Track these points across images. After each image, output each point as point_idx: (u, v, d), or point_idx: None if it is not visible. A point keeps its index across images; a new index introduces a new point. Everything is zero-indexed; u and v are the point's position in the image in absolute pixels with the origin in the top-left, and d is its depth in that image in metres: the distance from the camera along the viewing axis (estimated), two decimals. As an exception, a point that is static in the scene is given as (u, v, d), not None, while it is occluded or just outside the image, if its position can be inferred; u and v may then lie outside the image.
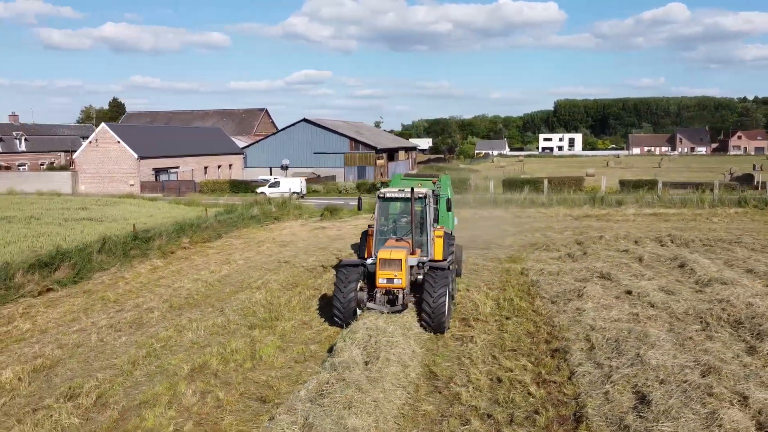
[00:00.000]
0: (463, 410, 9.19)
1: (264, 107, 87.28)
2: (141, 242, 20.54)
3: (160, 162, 55.41)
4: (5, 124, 67.21)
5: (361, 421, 7.85)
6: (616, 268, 17.91)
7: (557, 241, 23.10)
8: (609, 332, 12.20)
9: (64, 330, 12.97)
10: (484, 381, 10.21)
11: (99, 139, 53.14)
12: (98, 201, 36.31)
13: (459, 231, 26.29)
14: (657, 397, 9.17)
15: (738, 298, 13.90)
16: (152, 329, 12.96)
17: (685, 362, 10.47)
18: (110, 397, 9.58)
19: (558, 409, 9.29)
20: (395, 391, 9.30)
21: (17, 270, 15.55)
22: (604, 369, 10.50)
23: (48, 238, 20.40)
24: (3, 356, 11.41)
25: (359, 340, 10.66)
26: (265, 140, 70.02)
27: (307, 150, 66.45)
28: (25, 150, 65.83)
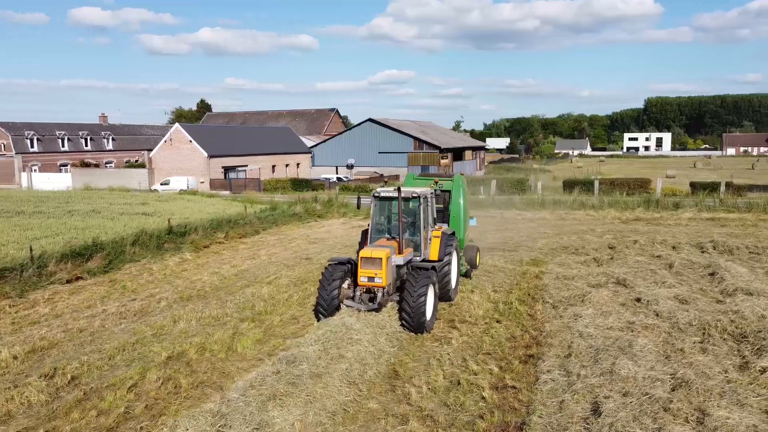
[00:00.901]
0: (407, 410, 9.17)
1: (334, 107, 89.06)
2: (176, 236, 21.69)
3: (229, 160, 57.84)
4: (95, 125, 72.52)
5: (284, 414, 8.05)
6: (638, 274, 17.07)
7: (591, 244, 22.21)
8: (595, 340, 11.74)
9: (75, 315, 13.99)
10: (442, 383, 10.12)
11: (173, 139, 56.23)
12: (160, 197, 38.53)
13: (493, 232, 25.98)
14: (609, 409, 8.79)
15: (753, 311, 12.94)
16: (153, 318, 13.73)
17: (660, 375, 9.93)
18: (84, 378, 10.29)
19: (506, 415, 9.08)
20: (342, 387, 9.41)
21: (51, 259, 16.89)
22: (571, 377, 10.14)
23: (93, 231, 21.93)
24: (12, 337, 12.48)
25: (322, 336, 10.86)
26: (332, 140, 71.46)
27: (373, 149, 67.23)
28: (113, 148, 70.73)
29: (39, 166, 62.46)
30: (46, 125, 66.14)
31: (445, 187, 17.64)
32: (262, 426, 7.62)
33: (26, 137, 62.15)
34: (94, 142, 69.16)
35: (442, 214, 17.49)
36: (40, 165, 62.59)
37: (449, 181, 17.77)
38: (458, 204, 17.34)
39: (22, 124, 63.66)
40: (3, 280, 15.61)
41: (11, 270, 15.96)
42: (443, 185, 17.72)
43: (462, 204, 17.33)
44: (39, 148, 63.32)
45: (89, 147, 68.60)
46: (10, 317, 13.87)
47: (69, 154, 65.85)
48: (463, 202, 17.37)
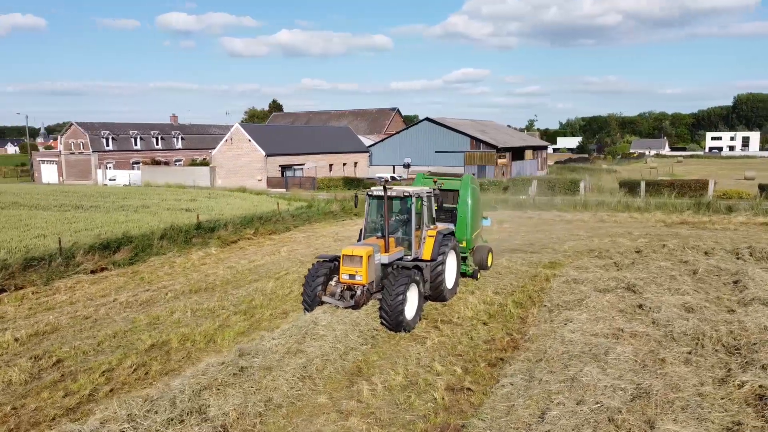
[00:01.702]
0: (354, 407, 9.25)
1: (396, 107, 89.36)
2: (204, 231, 22.61)
3: (286, 159, 59.34)
4: (166, 124, 76.29)
5: (220, 402, 8.34)
6: (655, 279, 16.30)
7: (621, 248, 21.34)
8: (574, 346, 11.38)
9: (88, 304, 14.93)
10: (400, 382, 10.12)
11: (233, 138, 58.32)
12: (210, 194, 40.14)
13: (524, 234, 25.44)
14: (553, 416, 8.56)
15: (758, 322, 12.12)
16: (154, 308, 14.45)
17: (625, 384, 9.51)
18: (68, 362, 11.01)
19: (450, 417, 9.01)
20: (294, 381, 9.61)
21: (79, 250, 18.07)
22: (532, 383, 9.90)
23: (131, 225, 23.21)
24: (23, 321, 13.49)
25: (287, 330, 11.12)
26: (389, 139, 71.84)
27: (430, 149, 67.08)
28: (181, 147, 74.16)
29: (113, 163, 66.42)
30: (120, 125, 70.23)
31: (454, 187, 17.51)
32: (192, 412, 7.94)
33: (102, 136, 66.25)
34: (164, 141, 72.79)
35: (450, 213, 17.40)
36: (114, 163, 66.56)
37: (457, 181, 17.61)
38: (465, 204, 17.14)
39: (99, 124, 67.91)
40: (32, 269, 16.86)
41: (41, 259, 17.20)
42: (447, 185, 17.62)
43: (470, 204, 17.12)
44: (114, 146, 67.34)
45: (160, 146, 72.26)
46: (30, 303, 14.98)
47: (141, 152, 69.64)
48: (471, 203, 17.16)
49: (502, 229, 27.36)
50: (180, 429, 7.59)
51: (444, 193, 17.71)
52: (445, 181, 17.81)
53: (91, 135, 65.43)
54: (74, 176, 67.50)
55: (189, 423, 7.70)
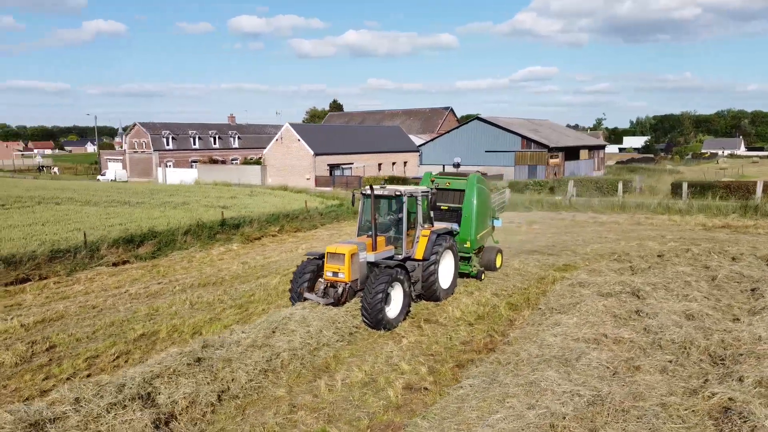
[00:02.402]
0: (307, 401, 9.40)
1: (449, 106, 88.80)
2: (229, 228, 23.35)
3: (335, 158, 60.16)
4: (224, 124, 78.92)
5: (170, 390, 8.71)
6: (667, 285, 15.61)
7: (645, 251, 20.52)
8: (550, 350, 11.14)
9: (100, 294, 15.78)
10: (361, 378, 10.21)
11: (283, 137, 59.67)
12: (252, 191, 41.27)
13: (550, 235, 24.88)
14: (496, 419, 8.47)
15: (754, 332, 11.45)
16: (158, 300, 15.11)
17: (585, 391, 9.23)
18: (59, 348, 11.71)
19: (399, 415, 9.03)
20: (255, 374, 9.88)
21: (103, 244, 19.10)
22: (492, 385, 9.80)
23: (164, 220, 24.27)
24: (37, 309, 14.42)
25: (259, 324, 11.43)
26: (440, 138, 71.52)
27: (480, 148, 66.31)
28: (238, 146, 76.53)
29: (173, 162, 69.34)
30: (180, 125, 73.23)
31: (460, 187, 17.39)
32: (138, 398, 8.32)
33: (163, 136, 69.29)
34: (221, 140, 75.34)
35: (456, 213, 17.30)
36: (174, 161, 69.47)
37: (463, 181, 17.46)
38: (470, 203, 16.98)
39: (161, 125, 71.05)
40: (58, 260, 17.96)
41: (66, 252, 18.29)
42: (453, 184, 17.51)
43: (475, 204, 16.95)
44: (173, 146, 70.30)
45: (217, 145, 74.84)
46: (49, 292, 15.98)
47: (199, 151, 72.35)
48: (476, 203, 16.98)
49: (530, 230, 26.83)
50: (122, 414, 7.98)
51: (450, 193, 17.65)
52: (452, 181, 17.70)
53: (152, 134, 68.57)
54: (137, 173, 70.93)
55: (132, 408, 8.08)
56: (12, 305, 14.72)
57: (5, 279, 16.23)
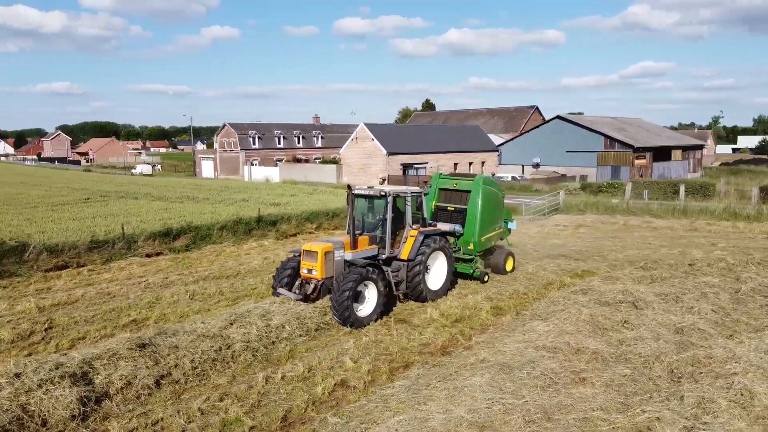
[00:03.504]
0: (240, 391, 9.79)
1: (534, 105, 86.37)
2: (266, 224, 24.36)
3: (409, 158, 60.49)
4: (308, 125, 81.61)
5: (109, 371, 9.47)
6: (679, 296, 14.62)
7: (680, 259, 19.18)
8: (503, 356, 10.96)
9: (122, 282, 17.11)
10: (301, 373, 10.47)
11: (358, 137, 60.83)
12: (315, 190, 42.44)
13: (590, 239, 23.85)
14: (397, 422, 8.49)
15: (734, 352, 10.54)
16: (167, 290, 16.16)
17: (509, 399, 9.00)
18: (56, 329, 12.91)
19: (318, 410, 9.24)
20: (201, 362, 10.46)
21: (140, 236, 20.64)
22: (420, 388, 9.81)
23: (212, 215, 25.72)
24: (59, 293, 15.87)
25: (222, 316, 11.99)
26: (520, 138, 69.86)
27: (560, 148, 64.10)
28: (321, 146, 78.84)
29: (258, 160, 72.69)
30: (266, 125, 76.58)
31: (466, 188, 17.20)
32: (73, 376, 9.11)
33: (249, 136, 72.82)
34: (305, 140, 77.97)
35: (462, 214, 17.12)
36: (259, 160, 72.81)
37: (469, 182, 17.23)
38: (475, 205, 16.75)
39: (248, 125, 74.69)
40: (96, 250, 19.64)
41: (105, 242, 19.95)
42: (460, 185, 17.33)
43: (479, 205, 16.69)
44: (259, 145, 73.67)
45: (301, 144, 77.53)
46: (80, 278, 17.54)
47: (283, 150, 75.31)
48: (481, 204, 16.71)
49: (573, 233, 25.80)
50: (52, 389, 8.79)
51: (457, 194, 17.49)
52: (459, 182, 17.53)
53: (240, 134, 72.25)
54: (226, 172, 75.02)
55: (62, 385, 8.88)
56: (42, 289, 16.34)
57: (46, 265, 18.02)
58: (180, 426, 8.69)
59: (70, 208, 30.41)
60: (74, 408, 8.65)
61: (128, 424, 8.63)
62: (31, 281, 16.97)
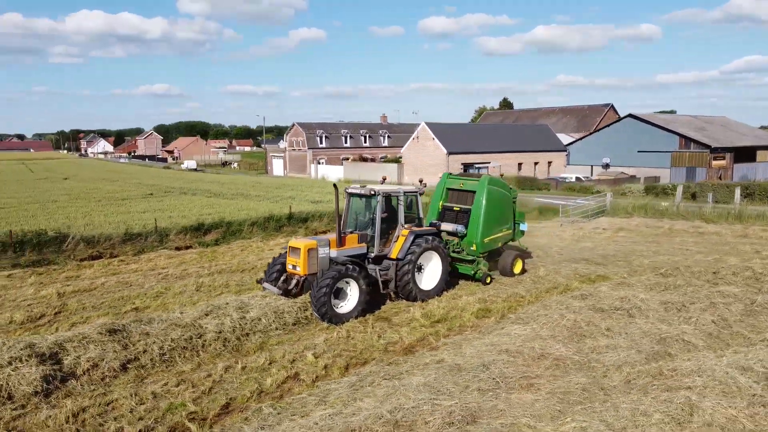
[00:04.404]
0: (196, 378, 10.28)
1: (609, 103, 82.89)
2: (297, 222, 25.05)
3: (470, 157, 59.80)
4: (375, 124, 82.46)
5: (79, 351, 10.26)
6: (685, 305, 13.87)
7: (710, 267, 18.03)
8: (462, 358, 10.95)
9: (145, 273, 18.21)
10: (261, 364, 10.83)
11: (419, 136, 60.86)
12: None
13: (625, 243, 22.84)
14: (318, 416, 8.63)
15: (702, 366, 9.94)
16: (178, 282, 17.04)
17: (442, 402, 8.96)
18: (64, 313, 14.01)
19: (259, 400, 9.58)
20: (171, 350, 11.08)
21: (172, 230, 21.85)
22: (362, 387, 9.88)
23: (248, 212, 26.79)
24: (87, 281, 17.14)
25: (199, 306, 12.59)
26: (589, 137, 67.32)
27: (632, 148, 61.17)
28: (387, 145, 79.48)
29: (325, 159, 74.30)
30: (333, 125, 78.12)
31: (471, 188, 17.05)
32: (41, 355, 9.94)
33: (317, 135, 74.56)
34: (372, 139, 78.88)
35: (468, 214, 16.98)
36: (326, 159, 74.41)
37: (475, 182, 17.05)
38: (479, 205, 16.58)
39: (316, 124, 76.49)
40: (130, 242, 21.00)
41: (139, 235, 21.28)
42: (466, 185, 17.18)
43: (483, 205, 16.50)
44: (326, 144, 75.27)
45: (367, 143, 78.50)
46: (109, 268, 18.83)
47: (350, 149, 76.55)
48: (485, 204, 16.52)
49: (610, 237, 24.76)
50: (20, 367, 9.65)
51: (463, 194, 17.37)
52: (465, 182, 17.38)
53: (307, 133, 74.14)
54: (295, 170, 77.23)
55: (30, 363, 9.72)
56: (72, 276, 17.72)
57: (81, 255, 19.49)
58: (129, 407, 9.29)
59: (129, 202, 32.55)
60: (37, 385, 9.44)
61: (82, 403, 9.32)
62: (64, 269, 18.43)
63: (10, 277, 17.42)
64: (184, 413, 9.08)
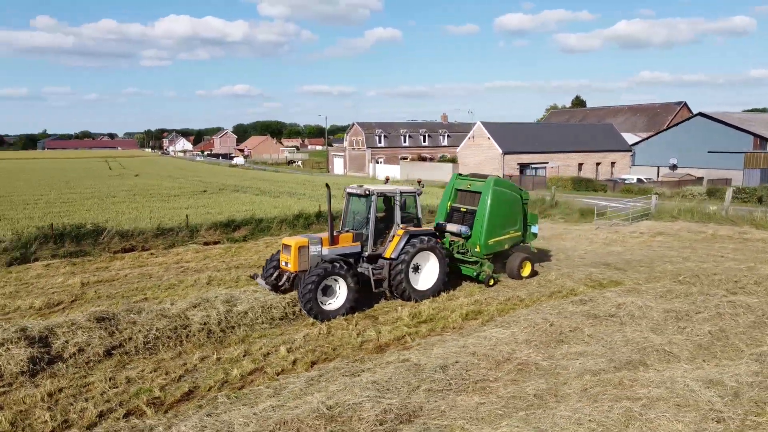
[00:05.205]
0: (170, 366, 10.85)
1: (682, 101, 78.79)
2: (325, 220, 25.53)
3: (526, 157, 58.67)
4: (435, 123, 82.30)
5: (69, 336, 11.09)
6: (687, 314, 13.29)
7: (733, 276, 17.04)
8: (426, 359, 11.02)
9: (169, 265, 19.20)
10: (235, 356, 11.31)
11: (475, 135, 60.28)
12: (410, 188, 42.99)
13: (656, 248, 21.90)
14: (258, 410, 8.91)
15: (664, 379, 9.56)
16: (194, 275, 17.87)
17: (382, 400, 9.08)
18: (79, 301, 15.04)
19: (217, 390, 10.01)
20: (151, 338, 11.75)
21: (203, 226, 22.87)
22: (318, 382, 10.11)
23: (280, 209, 27.59)
24: (114, 271, 18.29)
25: (192, 299, 13.22)
26: (656, 137, 64.37)
27: (702, 148, 58.03)
28: (446, 144, 79.11)
29: (383, 158, 74.87)
30: (392, 124, 78.53)
31: (478, 189, 16.93)
32: (30, 338, 10.82)
33: (375, 134, 75.23)
34: (431, 138, 78.76)
35: (473, 215, 16.87)
36: (384, 158, 74.96)
37: (481, 183, 16.89)
38: (484, 206, 16.45)
39: (376, 124, 77.19)
40: (162, 237, 22.15)
41: (170, 230, 22.42)
42: (473, 186, 17.05)
43: (488, 207, 16.34)
44: (385, 143, 75.81)
45: (426, 143, 78.44)
46: (138, 261, 19.97)
47: (408, 149, 76.76)
48: (490, 206, 16.37)
49: (644, 242, 23.75)
50: (11, 348, 10.55)
51: (470, 195, 17.27)
52: (472, 183, 17.25)
53: (366, 133, 74.96)
54: (354, 169, 78.27)
55: (19, 345, 10.60)
56: (102, 267, 18.95)
57: (115, 248, 20.78)
58: (102, 390, 9.97)
59: (179, 199, 34.22)
60: (24, 366, 10.29)
61: (60, 383, 10.09)
62: (97, 261, 19.72)
63: (47, 267, 18.83)
64: (146, 398, 9.64)
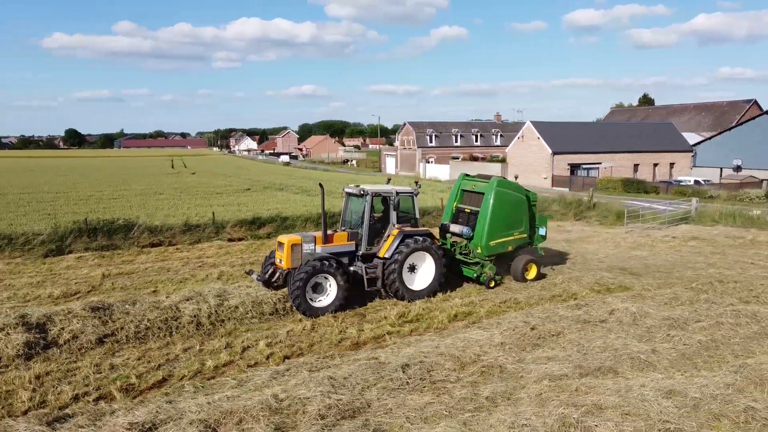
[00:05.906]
0: (152, 355, 11.46)
1: (753, 98, 74.43)
2: (350, 218, 25.92)
3: (577, 157, 57.14)
4: (488, 122, 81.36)
5: (64, 323, 11.89)
6: (684, 323, 12.84)
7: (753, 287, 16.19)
8: (395, 358, 11.11)
9: (190, 260, 20.06)
10: (217, 348, 11.79)
11: (524, 135, 59.22)
12: (449, 188, 42.70)
13: (684, 254, 21.07)
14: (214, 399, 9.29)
15: (627, 387, 9.31)
16: (209, 270, 18.59)
17: (336, 396, 9.30)
18: (93, 292, 15.97)
19: (188, 379, 10.50)
20: (142, 328, 12.42)
21: (228, 223, 23.71)
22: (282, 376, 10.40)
23: (308, 208, 28.19)
24: (137, 264, 19.31)
25: (186, 292, 13.81)
26: (719, 137, 61.12)
27: (766, 149, 54.75)
28: (499, 144, 78.09)
29: (434, 158, 74.72)
30: (444, 124, 78.20)
31: (481, 190, 16.82)
32: (27, 324, 11.65)
33: (426, 134, 75.16)
34: (483, 138, 77.94)
35: (476, 216, 16.80)
36: (435, 157, 74.81)
37: (485, 184, 16.76)
38: (486, 207, 16.35)
39: (427, 123, 77.12)
40: (189, 232, 23.11)
41: (197, 226, 23.36)
42: (478, 187, 16.95)
43: (490, 208, 16.23)
44: (436, 143, 75.62)
45: (478, 143, 77.68)
46: (163, 255, 20.95)
47: (460, 148, 76.27)
48: (492, 207, 16.25)
49: (675, 246, 22.81)
50: (10, 332, 11.41)
51: (475, 196, 17.19)
52: (477, 184, 17.15)
53: (417, 132, 75.02)
54: (406, 168, 78.49)
55: (18, 330, 11.46)
56: (127, 261, 20.02)
57: (143, 242, 21.88)
58: (85, 374, 10.65)
59: (220, 196, 35.51)
60: (20, 349, 11.13)
61: (48, 367, 10.85)
62: (125, 254, 20.83)
63: (79, 259, 20.07)
64: (121, 384, 10.23)
